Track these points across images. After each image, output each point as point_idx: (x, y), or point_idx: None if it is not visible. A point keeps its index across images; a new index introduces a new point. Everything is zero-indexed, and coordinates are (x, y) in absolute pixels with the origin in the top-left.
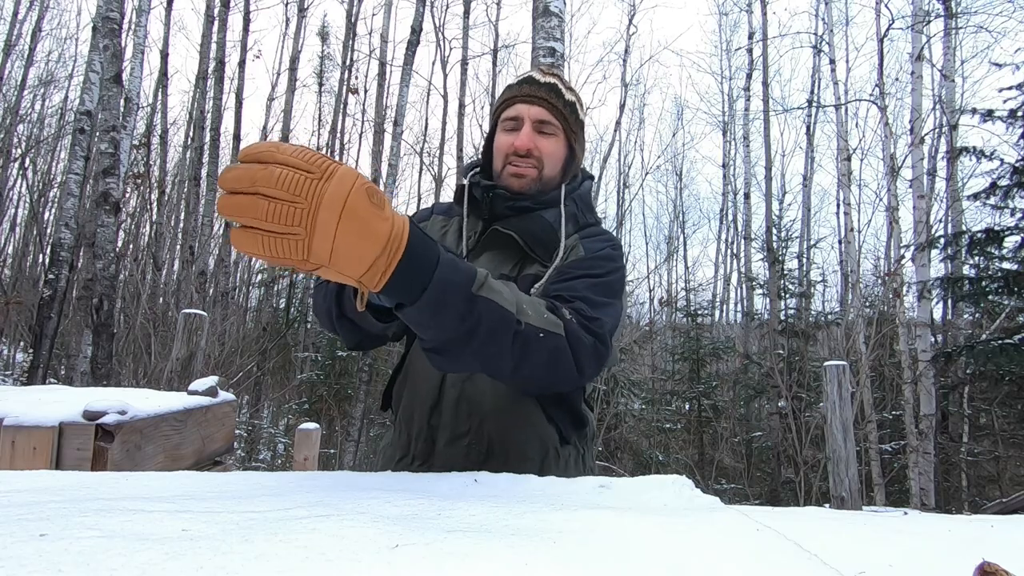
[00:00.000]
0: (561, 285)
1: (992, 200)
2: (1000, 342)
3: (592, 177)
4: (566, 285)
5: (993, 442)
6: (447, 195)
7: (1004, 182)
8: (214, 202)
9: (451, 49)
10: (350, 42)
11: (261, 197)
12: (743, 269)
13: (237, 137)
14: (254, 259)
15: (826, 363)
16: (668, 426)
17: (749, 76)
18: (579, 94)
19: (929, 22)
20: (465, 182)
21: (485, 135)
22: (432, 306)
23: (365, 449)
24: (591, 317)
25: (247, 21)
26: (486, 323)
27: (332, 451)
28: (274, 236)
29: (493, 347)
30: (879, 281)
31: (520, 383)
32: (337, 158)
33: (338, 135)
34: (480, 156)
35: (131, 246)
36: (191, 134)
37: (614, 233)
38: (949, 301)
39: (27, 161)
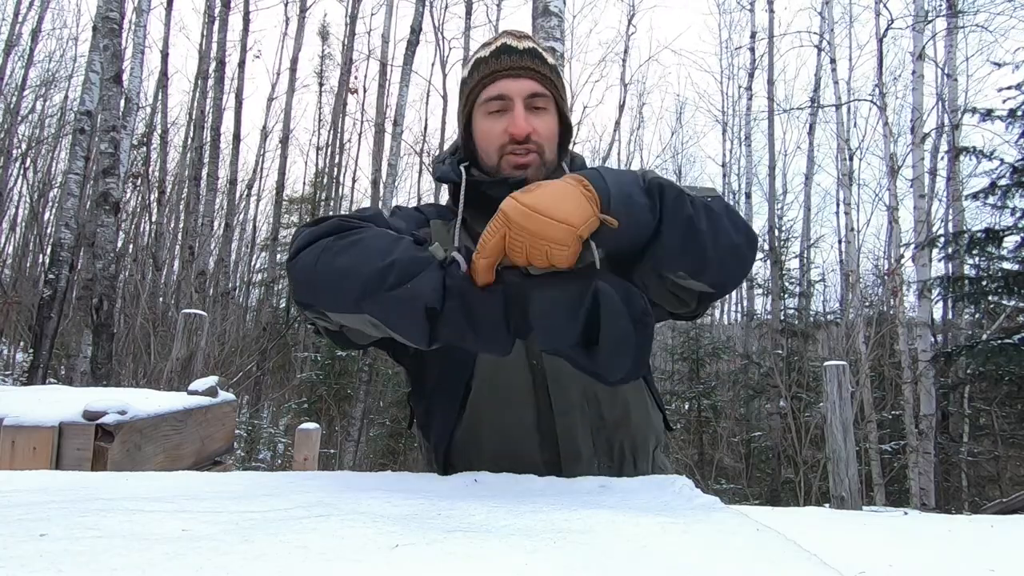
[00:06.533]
0: None
1: (992, 200)
2: (1000, 342)
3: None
4: None
5: (993, 442)
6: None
7: (1003, 182)
8: (214, 202)
9: (451, 49)
10: (350, 41)
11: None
12: None
13: (237, 137)
14: (254, 259)
15: (826, 363)
16: None
17: (751, 75)
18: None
19: (930, 21)
20: (460, 180)
21: (460, 120)
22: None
23: (365, 449)
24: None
25: (247, 21)
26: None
27: (332, 451)
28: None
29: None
30: (879, 281)
31: (717, 259)
32: (337, 158)
33: (338, 135)
34: (459, 145)
35: (131, 246)
36: (191, 134)
37: None
38: (949, 301)
39: (27, 161)
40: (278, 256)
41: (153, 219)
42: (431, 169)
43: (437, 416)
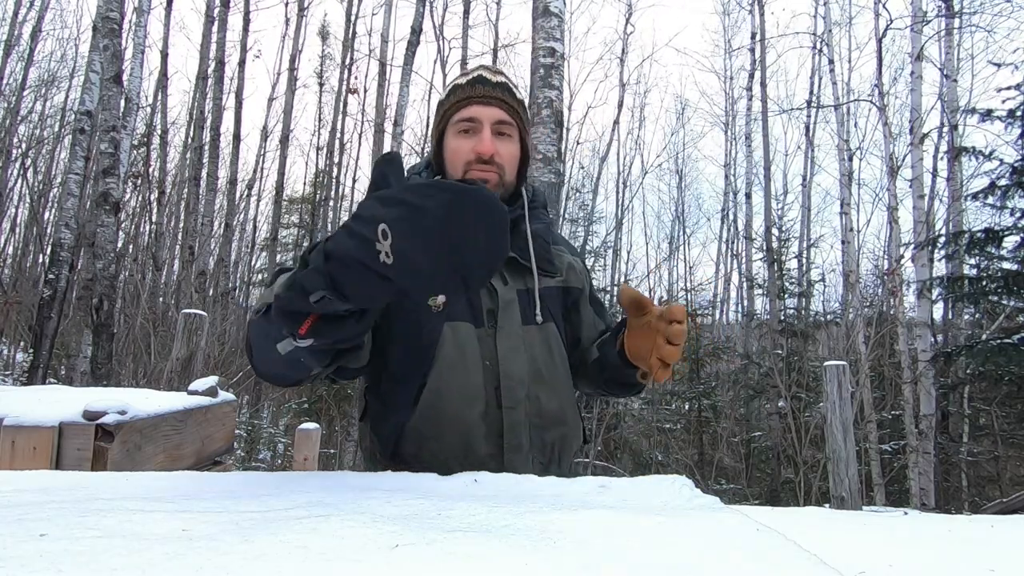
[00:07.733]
0: (602, 310)
1: (992, 200)
2: (1000, 342)
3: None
4: (602, 309)
5: (993, 442)
6: None
7: (1003, 182)
8: (214, 202)
9: (451, 49)
10: (350, 41)
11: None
12: (743, 269)
13: (237, 137)
14: (254, 259)
15: (826, 363)
16: (668, 426)
17: (751, 76)
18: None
19: (928, 22)
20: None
21: (434, 136)
22: None
23: None
24: None
25: (247, 21)
26: None
27: (332, 451)
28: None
29: None
30: (879, 281)
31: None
32: (337, 158)
33: (338, 135)
34: (431, 160)
35: (131, 246)
36: (191, 134)
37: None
38: (949, 301)
39: (27, 161)
40: (278, 256)
41: (153, 219)
42: (407, 178)
43: (392, 409)
